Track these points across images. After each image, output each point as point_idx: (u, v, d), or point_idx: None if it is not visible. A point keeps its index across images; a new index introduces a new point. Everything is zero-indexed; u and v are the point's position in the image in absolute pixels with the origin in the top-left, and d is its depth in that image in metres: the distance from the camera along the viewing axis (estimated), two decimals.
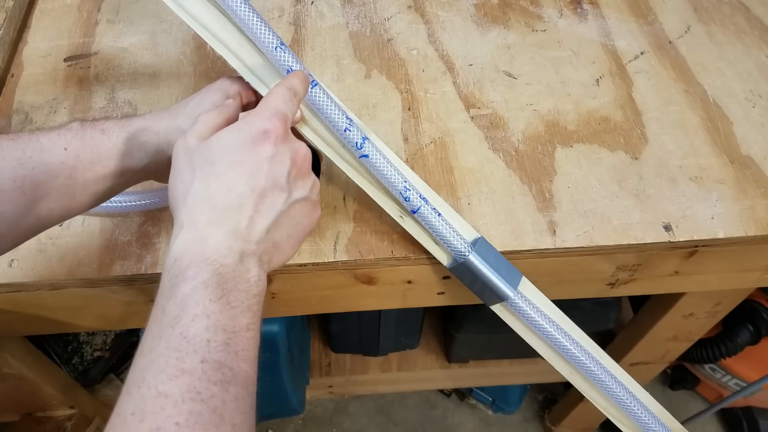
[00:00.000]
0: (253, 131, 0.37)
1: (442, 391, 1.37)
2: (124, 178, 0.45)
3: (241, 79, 0.48)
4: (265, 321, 0.82)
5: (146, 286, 0.56)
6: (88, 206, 0.44)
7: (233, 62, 0.48)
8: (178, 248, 0.35)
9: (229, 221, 0.36)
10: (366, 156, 0.49)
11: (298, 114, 0.48)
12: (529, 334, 0.57)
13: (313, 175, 0.41)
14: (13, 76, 0.69)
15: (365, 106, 0.66)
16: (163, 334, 0.31)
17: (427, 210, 0.51)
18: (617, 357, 0.91)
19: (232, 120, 0.40)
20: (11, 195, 0.39)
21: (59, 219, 0.43)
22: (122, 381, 0.32)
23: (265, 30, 0.45)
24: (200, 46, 0.71)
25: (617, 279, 0.62)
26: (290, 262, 0.55)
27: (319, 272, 0.56)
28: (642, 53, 0.71)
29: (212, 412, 0.29)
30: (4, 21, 0.70)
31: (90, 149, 0.42)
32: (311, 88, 0.47)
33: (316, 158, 0.53)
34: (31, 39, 0.72)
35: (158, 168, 0.46)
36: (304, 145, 0.40)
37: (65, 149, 0.41)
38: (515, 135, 0.64)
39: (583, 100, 0.67)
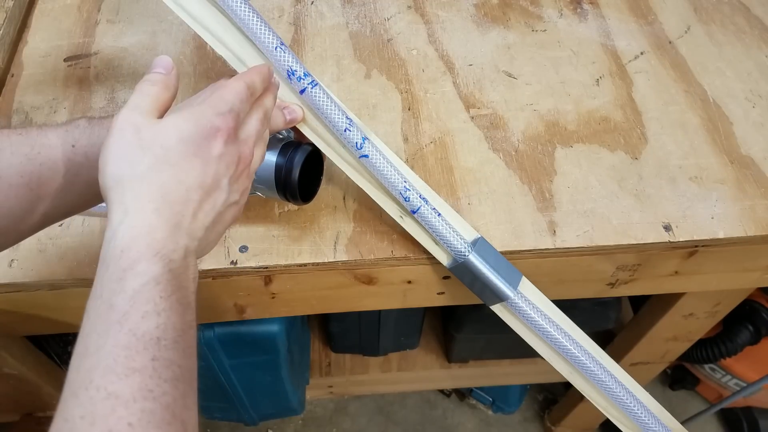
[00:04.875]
0: (207, 125, 0.36)
1: (442, 391, 1.37)
2: None
3: None
4: (265, 321, 0.82)
5: None
6: (92, 204, 0.44)
7: (233, 62, 0.48)
8: (125, 237, 0.33)
9: (176, 215, 0.34)
10: (366, 156, 0.49)
11: (299, 113, 0.49)
12: (529, 334, 0.57)
13: (249, 180, 0.41)
14: (13, 76, 0.69)
15: (365, 106, 0.66)
16: (110, 331, 0.30)
17: (427, 210, 0.51)
18: (617, 357, 0.91)
19: (175, 96, 0.39)
20: (18, 190, 0.39)
21: (63, 216, 0.43)
22: None
23: (265, 30, 0.45)
24: (200, 46, 0.71)
25: (617, 279, 0.62)
26: (290, 261, 0.55)
27: (319, 272, 0.56)
28: (642, 53, 0.71)
29: (165, 409, 0.29)
30: (4, 21, 0.70)
31: (97, 148, 0.41)
32: (311, 88, 0.47)
33: (319, 158, 0.53)
34: (31, 39, 0.72)
35: None
36: (250, 147, 0.40)
37: (73, 146, 0.41)
38: (515, 135, 0.64)
39: (583, 100, 0.67)
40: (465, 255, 0.51)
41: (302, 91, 0.47)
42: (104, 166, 0.35)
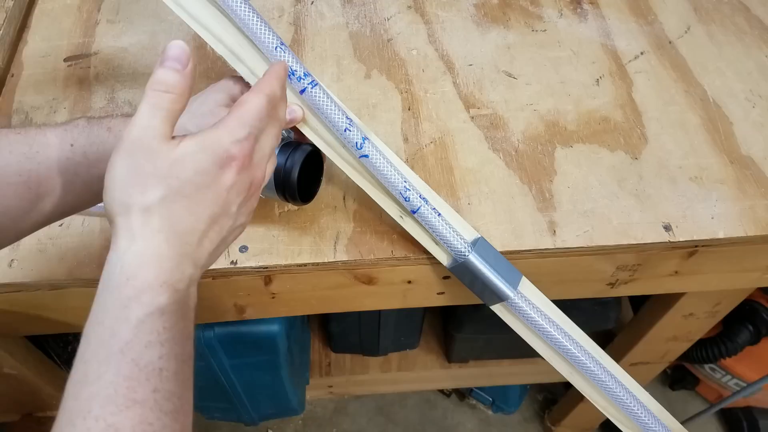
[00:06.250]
0: (222, 155, 0.34)
1: (442, 391, 1.37)
2: None
3: (243, 79, 0.49)
4: (265, 321, 0.82)
5: None
6: (91, 203, 0.44)
7: (233, 62, 0.48)
8: (132, 264, 0.32)
9: (184, 245, 0.34)
10: (366, 156, 0.49)
11: (299, 113, 0.48)
12: (529, 334, 0.57)
13: (257, 200, 0.40)
14: (13, 76, 0.69)
15: (365, 106, 0.66)
16: (111, 359, 0.30)
17: (427, 210, 0.51)
18: (617, 357, 0.91)
19: (188, 99, 0.36)
20: (17, 189, 0.39)
21: (62, 215, 0.43)
22: None
23: (265, 30, 0.45)
24: (200, 46, 0.71)
25: (617, 279, 0.62)
26: (290, 261, 0.55)
27: (319, 272, 0.56)
28: (642, 53, 0.71)
29: None
30: (4, 21, 0.70)
31: (96, 147, 0.42)
32: (311, 88, 0.47)
33: (319, 158, 0.53)
34: (31, 39, 0.72)
35: None
36: (263, 169, 0.38)
37: (72, 145, 0.41)
38: (515, 135, 0.64)
39: (583, 100, 0.67)
40: (465, 255, 0.51)
41: (302, 91, 0.47)
42: (112, 189, 0.33)
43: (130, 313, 0.31)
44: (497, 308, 0.56)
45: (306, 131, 0.50)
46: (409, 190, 0.50)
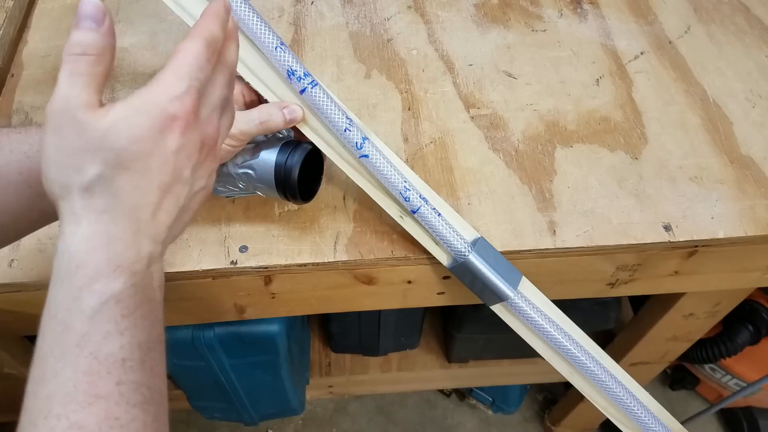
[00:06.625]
0: (160, 116, 0.30)
1: (442, 391, 1.37)
2: None
3: (242, 78, 0.49)
4: (265, 321, 0.82)
5: None
6: None
7: None
8: (79, 251, 0.29)
9: (135, 222, 0.31)
10: (366, 156, 0.49)
11: (299, 113, 0.48)
12: (529, 334, 0.57)
13: (216, 160, 0.35)
14: (13, 76, 0.69)
15: (365, 106, 0.66)
16: (68, 355, 0.28)
17: (427, 210, 0.51)
18: (617, 357, 0.91)
19: (113, 60, 0.32)
20: (18, 188, 0.39)
21: None
22: None
23: (265, 30, 0.45)
24: None
25: (617, 279, 0.62)
26: (290, 261, 0.55)
27: (319, 272, 0.56)
28: (642, 53, 0.71)
29: None
30: (4, 21, 0.70)
31: None
32: (311, 88, 0.47)
33: (319, 157, 0.53)
34: (31, 39, 0.72)
35: None
36: (215, 125, 0.34)
37: None
38: (515, 135, 0.64)
39: (583, 100, 0.67)
40: (465, 255, 0.51)
41: (302, 91, 0.48)
42: (47, 171, 0.31)
43: (82, 304, 0.29)
44: (497, 308, 0.56)
45: (306, 131, 0.50)
46: (409, 190, 0.50)
